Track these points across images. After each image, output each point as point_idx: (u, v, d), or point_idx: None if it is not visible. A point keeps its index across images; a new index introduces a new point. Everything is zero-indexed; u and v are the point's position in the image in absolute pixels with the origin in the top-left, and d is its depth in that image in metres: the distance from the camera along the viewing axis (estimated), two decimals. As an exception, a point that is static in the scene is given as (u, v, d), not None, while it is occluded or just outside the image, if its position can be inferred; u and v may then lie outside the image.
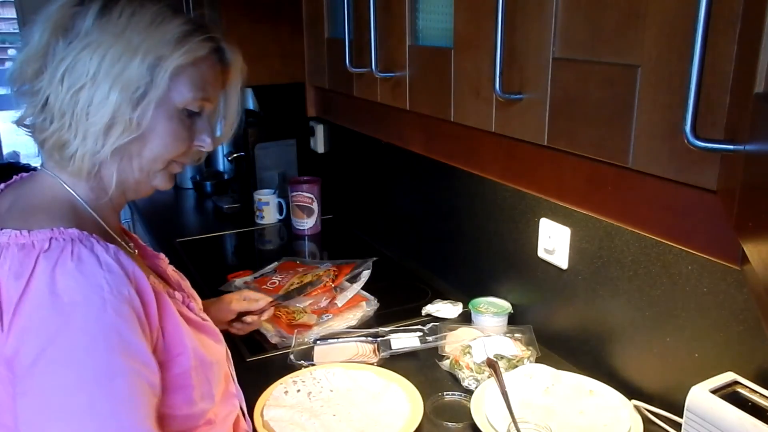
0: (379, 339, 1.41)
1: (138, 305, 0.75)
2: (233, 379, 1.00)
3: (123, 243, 0.88)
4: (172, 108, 0.82)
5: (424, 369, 1.32)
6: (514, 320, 1.46)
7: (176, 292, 0.89)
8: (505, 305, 1.46)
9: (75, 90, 0.76)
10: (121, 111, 0.77)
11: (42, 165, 0.85)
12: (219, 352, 0.92)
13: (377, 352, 1.38)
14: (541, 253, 1.37)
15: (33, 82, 0.78)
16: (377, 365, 1.32)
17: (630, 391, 1.18)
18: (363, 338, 1.43)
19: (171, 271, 0.95)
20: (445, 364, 1.32)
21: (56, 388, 0.68)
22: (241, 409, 1.01)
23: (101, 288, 0.71)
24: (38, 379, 0.69)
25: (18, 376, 0.70)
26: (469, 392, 1.22)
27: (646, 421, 1.11)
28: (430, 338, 1.41)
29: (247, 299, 1.30)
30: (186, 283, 0.92)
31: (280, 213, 2.27)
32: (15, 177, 0.89)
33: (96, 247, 0.74)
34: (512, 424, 1.01)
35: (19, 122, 0.82)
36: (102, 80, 0.76)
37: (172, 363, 0.80)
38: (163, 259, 0.95)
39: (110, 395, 0.69)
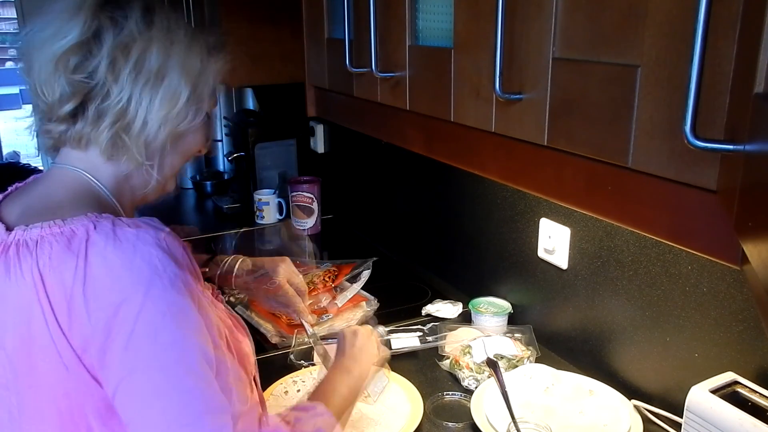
0: (379, 339, 1.41)
1: (188, 285, 0.75)
2: (257, 384, 0.97)
3: None
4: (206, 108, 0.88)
5: (424, 369, 1.32)
6: (514, 320, 1.46)
7: (207, 284, 0.89)
8: (505, 305, 1.46)
9: (143, 83, 0.78)
10: (186, 104, 0.82)
11: (56, 161, 0.84)
12: (248, 347, 0.92)
13: None
14: (541, 253, 1.37)
15: (76, 72, 0.77)
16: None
17: (630, 391, 1.18)
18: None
19: None
20: (445, 364, 1.32)
21: (149, 371, 0.68)
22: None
23: (156, 267, 0.71)
24: (128, 365, 0.68)
25: (107, 365, 0.69)
26: (469, 392, 1.22)
27: (646, 421, 1.11)
28: (430, 338, 1.41)
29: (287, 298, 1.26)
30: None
31: (280, 213, 2.27)
32: (10, 188, 0.87)
33: (140, 225, 0.75)
34: (512, 424, 1.01)
35: (58, 110, 0.79)
36: (171, 74, 0.80)
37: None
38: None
39: (191, 372, 0.69)
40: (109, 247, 0.70)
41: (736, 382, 0.95)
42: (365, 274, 1.67)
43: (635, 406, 1.14)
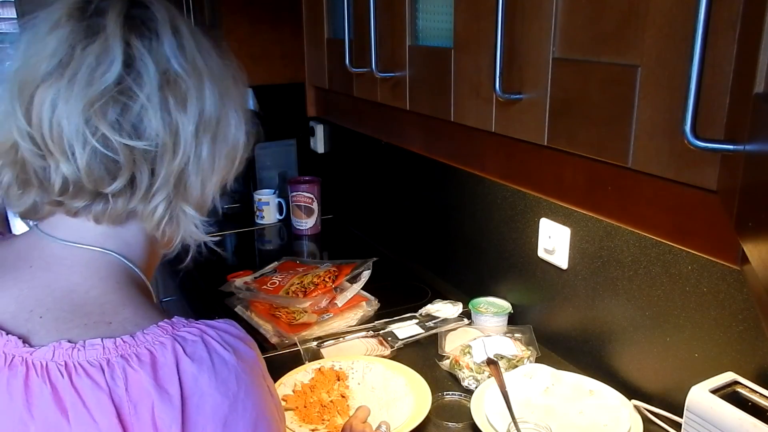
0: (380, 331, 1.45)
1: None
2: None
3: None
4: None
5: (425, 369, 1.32)
6: (514, 320, 1.46)
7: None
8: (505, 305, 1.46)
9: (203, 132, 0.63)
10: (244, 150, 0.70)
11: (47, 231, 0.64)
12: None
13: (385, 344, 1.39)
14: (541, 253, 1.37)
15: (120, 131, 0.59)
16: (391, 357, 1.35)
17: (630, 391, 1.18)
18: (363, 334, 1.44)
19: None
20: (445, 364, 1.32)
21: None
22: None
23: (255, 392, 0.63)
24: None
25: None
26: (469, 392, 1.22)
27: (646, 421, 1.11)
28: (429, 323, 1.46)
29: None
30: None
31: (280, 213, 2.27)
32: None
33: (231, 340, 0.63)
34: (512, 424, 1.01)
35: (87, 185, 0.60)
36: (229, 116, 0.66)
37: None
38: None
39: None
40: (210, 381, 0.57)
41: (736, 382, 0.95)
42: (365, 274, 1.67)
43: (635, 406, 1.14)
